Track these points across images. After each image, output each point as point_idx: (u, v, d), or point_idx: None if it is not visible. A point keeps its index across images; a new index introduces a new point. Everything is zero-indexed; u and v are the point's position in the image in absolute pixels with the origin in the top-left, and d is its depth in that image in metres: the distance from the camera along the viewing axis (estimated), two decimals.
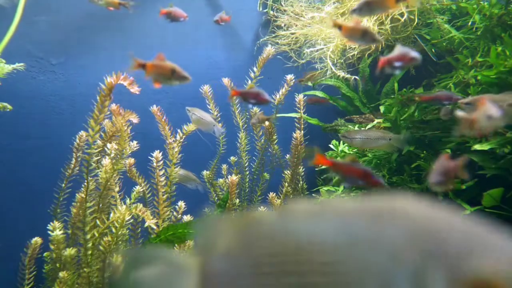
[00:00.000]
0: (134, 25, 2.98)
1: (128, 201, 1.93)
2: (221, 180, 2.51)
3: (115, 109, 1.86)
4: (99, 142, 1.82)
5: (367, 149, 2.29)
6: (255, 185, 2.65)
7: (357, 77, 2.85)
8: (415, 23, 2.61)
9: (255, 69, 2.50)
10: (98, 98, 1.71)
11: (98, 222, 1.77)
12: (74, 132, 2.09)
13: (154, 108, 2.11)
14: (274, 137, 2.54)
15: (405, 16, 2.58)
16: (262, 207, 2.46)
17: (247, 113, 2.63)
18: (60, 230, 1.79)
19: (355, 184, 1.50)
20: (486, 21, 2.19)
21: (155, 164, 2.04)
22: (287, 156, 2.53)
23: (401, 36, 2.69)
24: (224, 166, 2.59)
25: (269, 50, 2.49)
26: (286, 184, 2.42)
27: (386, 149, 2.11)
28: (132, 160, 2.10)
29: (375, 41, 1.72)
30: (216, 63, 3.17)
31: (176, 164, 2.08)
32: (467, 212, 1.72)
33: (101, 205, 1.80)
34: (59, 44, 2.80)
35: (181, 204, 2.13)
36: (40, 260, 2.00)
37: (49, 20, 2.78)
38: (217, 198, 2.50)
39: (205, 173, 2.50)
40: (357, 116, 2.83)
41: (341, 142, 2.61)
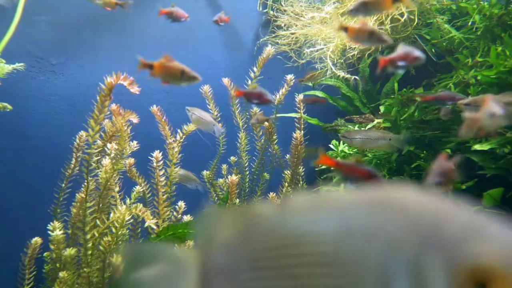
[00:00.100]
0: (134, 25, 2.98)
1: (128, 201, 1.93)
2: (221, 180, 2.51)
3: (115, 109, 1.86)
4: (99, 142, 1.82)
5: (367, 149, 2.29)
6: (255, 185, 2.65)
7: (357, 77, 2.85)
8: (415, 23, 2.61)
9: (255, 69, 2.50)
10: (98, 98, 1.71)
11: (98, 222, 1.77)
12: (74, 132, 2.09)
13: (154, 108, 2.11)
14: (274, 137, 2.54)
15: (405, 16, 2.58)
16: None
17: (247, 113, 2.63)
18: (60, 230, 1.79)
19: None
20: (486, 21, 2.20)
21: (155, 164, 2.03)
22: (287, 156, 2.53)
23: (401, 36, 2.69)
24: (224, 166, 2.59)
25: (269, 50, 2.49)
26: (286, 184, 2.42)
27: (386, 149, 2.11)
28: (132, 160, 2.10)
29: (382, 41, 1.66)
30: (216, 63, 3.17)
31: (176, 164, 2.08)
32: None
33: (101, 205, 1.80)
34: (59, 44, 2.80)
35: (181, 204, 2.13)
36: (40, 260, 2.00)
37: (49, 20, 2.78)
38: (217, 198, 2.50)
39: (205, 173, 2.50)
40: (357, 116, 2.83)
41: (341, 142, 2.61)
